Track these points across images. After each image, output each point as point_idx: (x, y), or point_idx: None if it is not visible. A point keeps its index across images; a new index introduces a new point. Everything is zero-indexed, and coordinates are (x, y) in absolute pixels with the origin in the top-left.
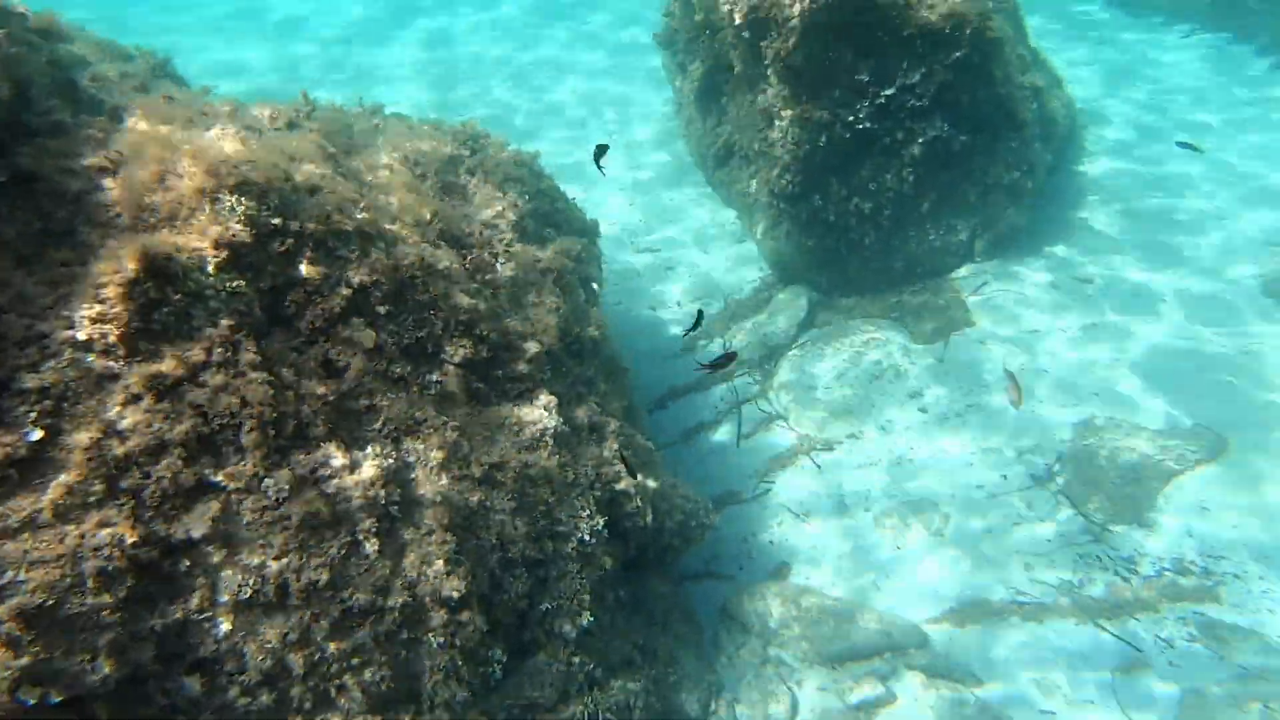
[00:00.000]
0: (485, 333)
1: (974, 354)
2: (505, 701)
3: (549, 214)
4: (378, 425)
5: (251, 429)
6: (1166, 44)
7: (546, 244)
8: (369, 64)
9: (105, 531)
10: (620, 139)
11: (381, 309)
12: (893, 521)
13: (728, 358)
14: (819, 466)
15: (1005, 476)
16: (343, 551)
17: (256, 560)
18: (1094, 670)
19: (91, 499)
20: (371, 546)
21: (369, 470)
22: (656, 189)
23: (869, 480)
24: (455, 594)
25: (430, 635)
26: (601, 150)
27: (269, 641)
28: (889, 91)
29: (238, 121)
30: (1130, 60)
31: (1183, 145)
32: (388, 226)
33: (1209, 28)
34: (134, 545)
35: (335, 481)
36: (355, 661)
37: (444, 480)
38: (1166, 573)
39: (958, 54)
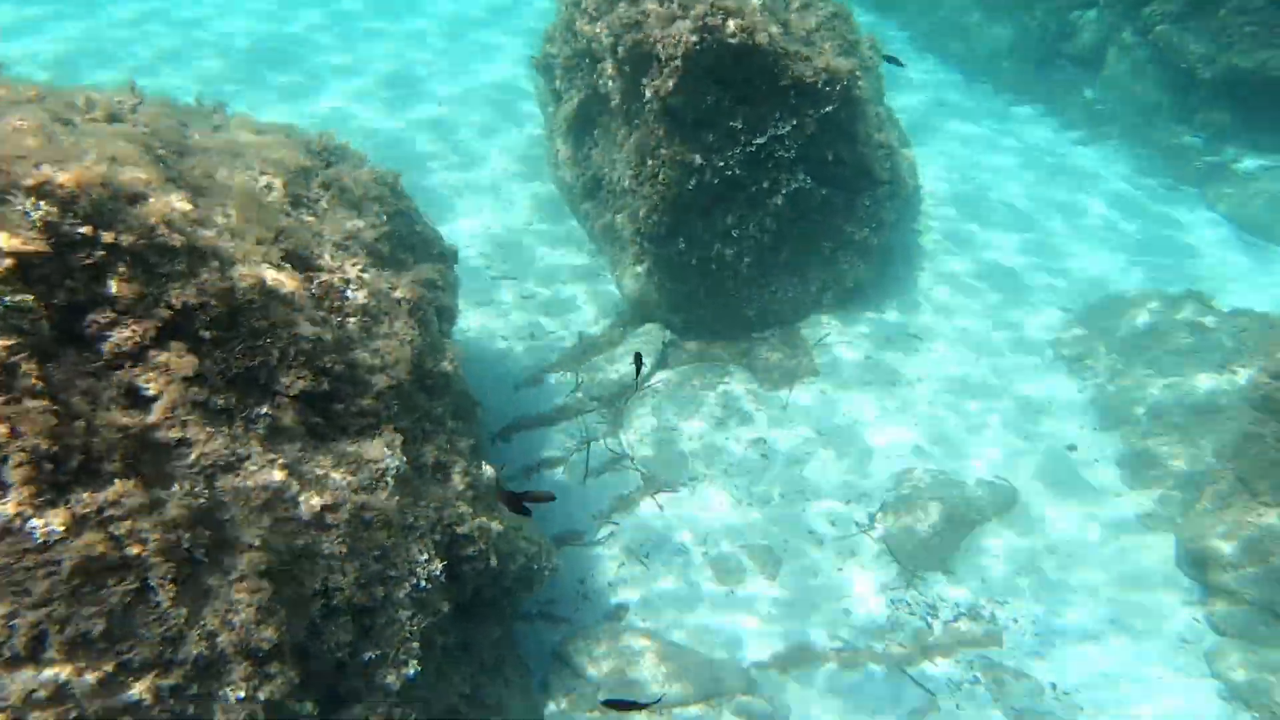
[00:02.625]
0: (329, 364)
1: (816, 402)
2: None
3: (407, 237)
4: (190, 462)
5: (20, 463)
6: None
7: (403, 270)
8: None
9: None
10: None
11: (207, 334)
12: (730, 565)
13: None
14: (661, 508)
15: (834, 523)
16: (127, 599)
17: (4, 610)
18: (896, 714)
19: None
20: (165, 594)
21: (172, 510)
22: (517, 214)
23: (710, 523)
24: (265, 645)
25: (228, 689)
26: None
27: (6, 700)
28: (760, 140)
29: (44, 108)
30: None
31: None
32: (224, 244)
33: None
34: None
35: (127, 523)
36: None
37: (265, 522)
38: (962, 617)
39: (827, 109)
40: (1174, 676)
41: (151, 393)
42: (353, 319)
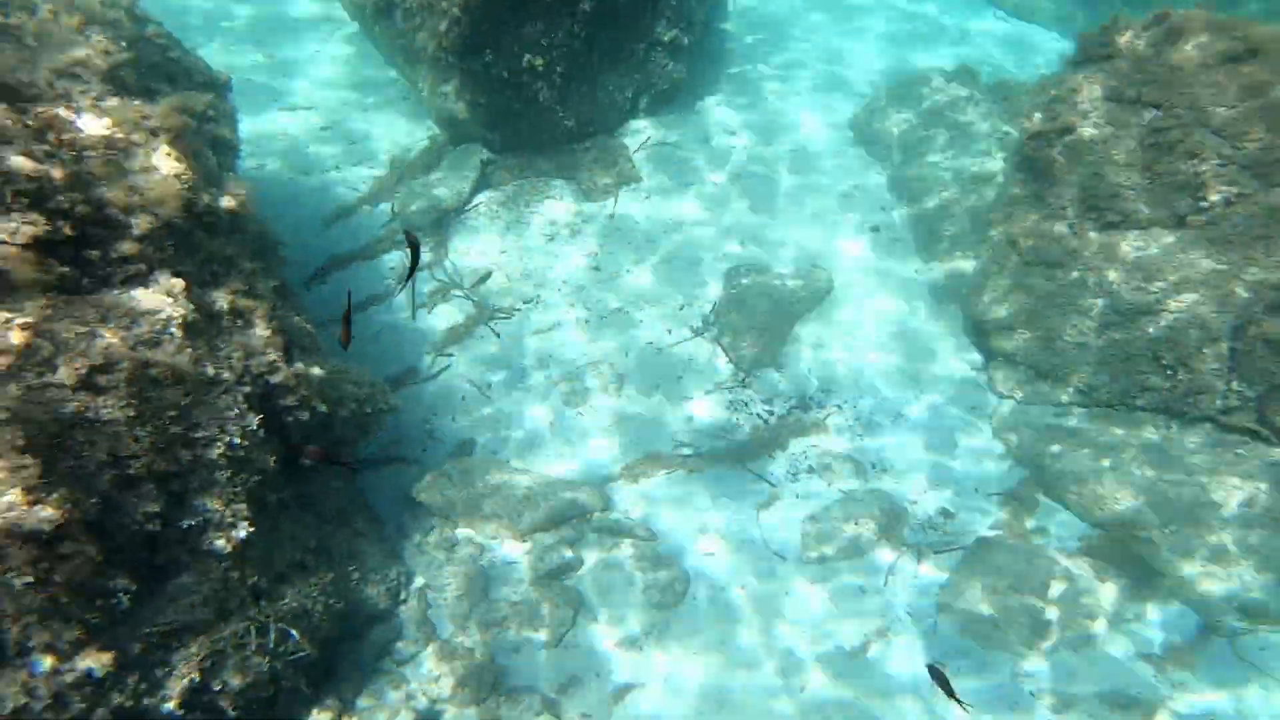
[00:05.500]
0: (66, 205)
1: (641, 209)
2: (141, 630)
3: (160, 65)
4: None
5: None
6: None
7: (159, 99)
8: None
9: None
10: None
11: None
12: (573, 385)
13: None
14: (498, 335)
15: (670, 330)
16: None
17: None
18: (743, 509)
19: None
20: None
21: None
22: (303, 41)
23: (548, 345)
24: (46, 525)
25: (11, 576)
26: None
27: None
28: None
29: None
30: None
31: None
32: None
33: None
34: None
35: None
36: None
37: (13, 391)
38: (794, 410)
39: None
40: (967, 441)
41: None
42: (94, 153)
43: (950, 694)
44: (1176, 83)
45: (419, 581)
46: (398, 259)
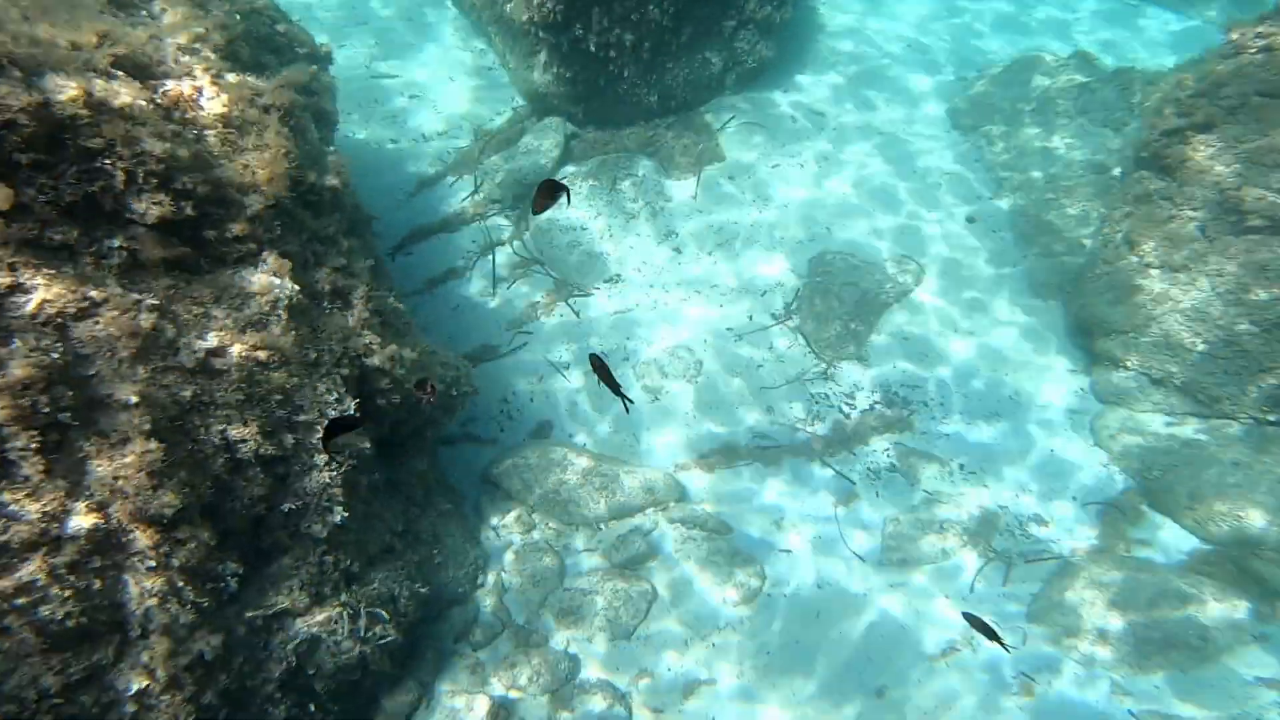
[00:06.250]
0: (190, 185)
1: (724, 189)
2: (246, 613)
3: (267, 38)
4: (31, 310)
5: None
6: None
7: (267, 73)
8: None
9: None
10: None
11: (24, 158)
12: (651, 370)
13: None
14: (577, 314)
15: (751, 317)
16: None
17: None
18: (820, 505)
19: None
20: (32, 468)
21: (17, 370)
22: (394, 7)
23: (626, 327)
24: (167, 511)
25: (135, 560)
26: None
27: None
28: None
29: None
30: None
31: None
32: (27, 51)
33: None
34: None
35: None
36: (22, 601)
37: (141, 374)
38: (877, 405)
39: None
40: (1064, 446)
41: None
42: (212, 132)
43: (992, 636)
44: None
45: (495, 565)
46: (476, 233)
